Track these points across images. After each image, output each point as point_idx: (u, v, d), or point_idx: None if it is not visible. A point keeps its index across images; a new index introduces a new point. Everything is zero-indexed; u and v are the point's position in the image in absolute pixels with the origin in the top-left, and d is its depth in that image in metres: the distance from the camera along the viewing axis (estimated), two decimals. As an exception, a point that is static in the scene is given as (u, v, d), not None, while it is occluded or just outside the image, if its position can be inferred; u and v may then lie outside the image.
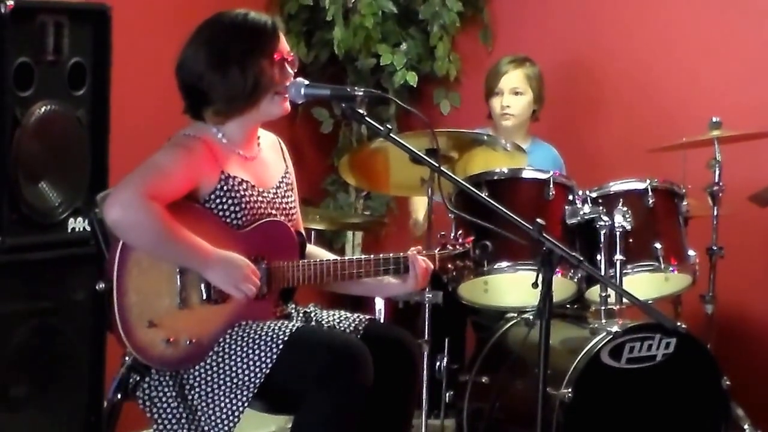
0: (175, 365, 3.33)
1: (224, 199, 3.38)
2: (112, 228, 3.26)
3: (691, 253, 4.23)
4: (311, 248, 3.64)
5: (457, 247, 3.63)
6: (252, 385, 3.26)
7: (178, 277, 3.31)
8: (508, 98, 4.88)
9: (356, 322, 3.51)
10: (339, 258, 3.52)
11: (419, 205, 4.78)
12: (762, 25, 5.07)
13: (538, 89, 4.93)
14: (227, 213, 3.38)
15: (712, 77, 5.15)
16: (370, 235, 5.57)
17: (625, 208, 4.10)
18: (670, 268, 4.17)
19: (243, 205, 3.40)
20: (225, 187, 3.38)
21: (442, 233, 3.75)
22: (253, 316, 3.38)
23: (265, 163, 3.54)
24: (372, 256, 3.48)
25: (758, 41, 5.08)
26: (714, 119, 4.53)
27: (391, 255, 3.50)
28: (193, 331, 3.32)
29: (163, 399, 3.34)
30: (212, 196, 3.37)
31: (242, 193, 3.41)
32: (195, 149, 3.37)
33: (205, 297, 3.33)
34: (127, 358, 3.36)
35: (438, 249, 3.62)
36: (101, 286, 3.29)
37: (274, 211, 3.46)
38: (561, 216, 4.10)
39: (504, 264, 4.04)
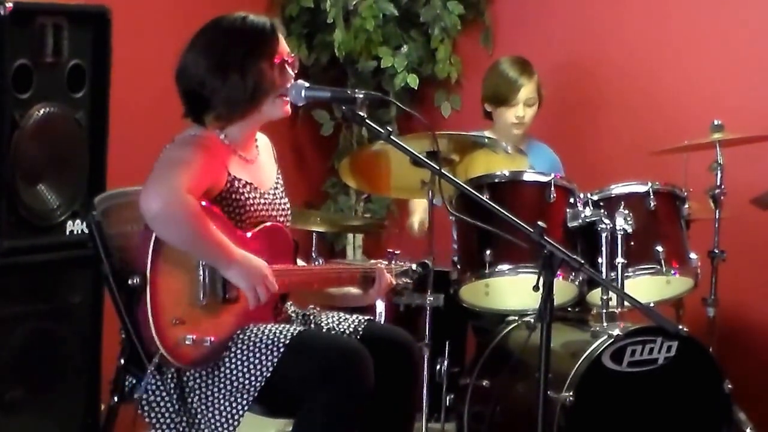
0: (196, 364, 3.30)
1: (229, 201, 3.37)
2: (150, 222, 3.20)
3: (692, 256, 4.22)
4: None
5: (399, 264, 3.64)
6: (252, 389, 3.26)
7: (203, 274, 3.29)
8: (523, 109, 4.84)
9: (355, 323, 3.51)
10: (324, 265, 3.55)
11: (416, 207, 4.77)
12: (764, 28, 5.06)
13: (543, 95, 4.91)
14: (231, 215, 3.37)
15: (713, 80, 5.13)
16: (371, 237, 5.56)
17: (626, 211, 4.09)
18: (672, 271, 4.16)
19: (247, 208, 3.39)
20: (231, 189, 3.37)
21: (389, 250, 3.73)
22: (256, 319, 3.37)
23: (263, 164, 3.53)
24: (346, 263, 3.48)
25: (760, 44, 5.06)
26: (716, 122, 4.52)
27: (360, 265, 3.50)
28: (214, 330, 3.30)
29: (161, 403, 3.33)
30: (218, 198, 3.36)
31: (246, 195, 3.40)
32: (210, 147, 3.35)
33: (222, 296, 3.32)
34: (155, 359, 3.28)
35: (392, 264, 3.64)
36: (135, 281, 3.24)
37: (274, 213, 3.46)
38: (562, 219, 4.09)
39: (505, 267, 4.03)
